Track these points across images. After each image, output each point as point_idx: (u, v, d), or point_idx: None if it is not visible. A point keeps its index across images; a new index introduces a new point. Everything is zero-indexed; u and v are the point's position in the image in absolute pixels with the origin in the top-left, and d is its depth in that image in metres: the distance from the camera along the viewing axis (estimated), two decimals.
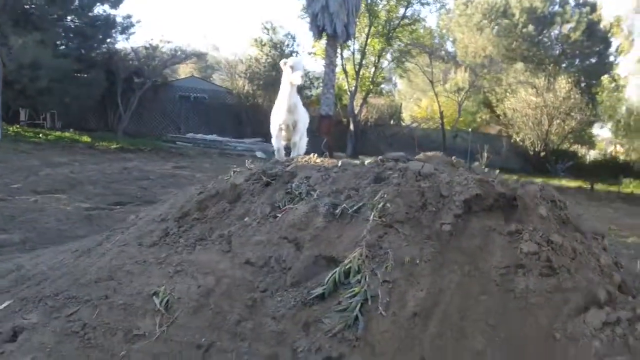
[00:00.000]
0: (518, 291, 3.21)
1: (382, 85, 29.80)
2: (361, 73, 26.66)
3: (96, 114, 25.38)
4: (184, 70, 44.99)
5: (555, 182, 22.88)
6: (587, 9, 33.75)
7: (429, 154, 4.61)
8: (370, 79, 27.36)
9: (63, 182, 12.65)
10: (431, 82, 24.56)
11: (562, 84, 26.51)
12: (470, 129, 29.07)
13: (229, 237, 4.18)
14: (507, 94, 29.27)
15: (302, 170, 4.52)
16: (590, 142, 35.75)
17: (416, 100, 34.39)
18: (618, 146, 34.28)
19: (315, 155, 4.93)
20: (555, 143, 28.14)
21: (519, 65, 31.38)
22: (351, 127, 26.54)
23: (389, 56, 27.63)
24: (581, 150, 32.73)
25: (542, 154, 26.63)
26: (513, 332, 3.08)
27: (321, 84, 25.49)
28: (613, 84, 28.44)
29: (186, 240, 4.42)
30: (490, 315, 3.14)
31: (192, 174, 17.13)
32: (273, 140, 6.33)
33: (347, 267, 3.49)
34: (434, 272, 3.36)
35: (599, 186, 22.90)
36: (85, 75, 23.18)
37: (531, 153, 27.28)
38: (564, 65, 33.81)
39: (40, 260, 5.42)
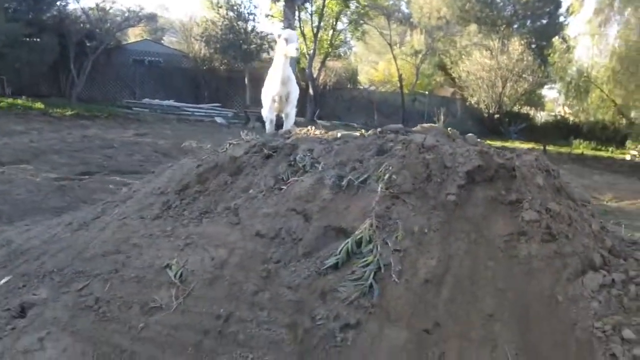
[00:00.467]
0: (522, 257, 3.43)
1: (340, 49, 29.69)
2: (319, 36, 26.53)
3: (48, 79, 24.57)
4: (134, 33, 43.74)
5: (509, 144, 23.43)
6: None
7: (426, 125, 4.77)
8: (329, 42, 27.27)
9: (25, 151, 12.41)
10: (389, 45, 24.65)
11: (515, 45, 26.98)
12: (427, 92, 29.48)
13: (236, 209, 4.28)
14: (462, 56, 29.63)
15: (303, 143, 4.63)
16: (540, 104, 36.72)
17: (373, 63, 34.49)
18: (566, 107, 35.28)
19: (313, 127, 5.04)
20: (509, 105, 28.79)
21: (473, 27, 31.70)
22: (310, 91, 26.50)
23: (346, 19, 27.45)
24: (532, 112, 33.55)
25: (497, 116, 27.23)
26: (519, 295, 3.31)
27: None
28: (564, 45, 29.15)
29: (191, 213, 4.50)
30: (497, 280, 3.36)
31: (154, 141, 16.99)
32: (264, 111, 6.38)
33: (358, 237, 3.65)
34: (443, 241, 3.56)
35: (550, 148, 23.63)
36: (37, 40, 22.37)
37: (486, 115, 27.83)
38: (515, 26, 34.31)
39: (32, 234, 5.42)
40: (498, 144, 22.61)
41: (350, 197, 4.00)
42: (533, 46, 28.26)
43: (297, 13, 24.04)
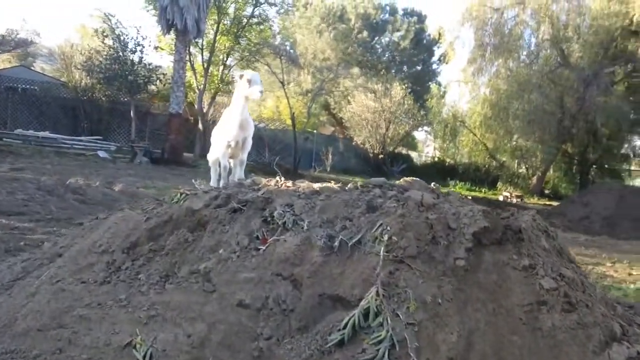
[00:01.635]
0: (545, 329, 3.13)
1: (231, 85, 29.07)
2: (210, 71, 25.81)
3: None
4: (1, 58, 40.49)
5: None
6: (415, 18, 35.90)
7: (408, 179, 4.42)
8: (219, 78, 26.60)
9: None
10: (282, 83, 24.44)
11: (397, 89, 27.84)
12: (315, 131, 29.57)
13: (207, 273, 3.67)
14: (347, 97, 30.13)
15: (279, 197, 4.10)
16: (413, 145, 38.14)
17: (266, 100, 34.22)
18: (436, 150, 36.94)
19: (282, 178, 4.52)
20: (391, 146, 29.53)
21: (355, 70, 32.45)
22: (200, 126, 25.62)
23: (238, 55, 26.96)
24: (408, 153, 34.73)
25: (381, 156, 27.78)
26: None
27: (168, 81, 24.35)
28: (440, 91, 30.59)
29: (148, 277, 3.82)
30: (525, 356, 3.03)
31: (35, 177, 15.37)
32: (219, 158, 5.73)
33: (365, 308, 3.18)
34: (460, 312, 3.18)
35: (473, 192, 24.38)
36: None
37: (371, 155, 28.33)
38: (393, 71, 35.63)
39: None
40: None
41: (344, 260, 3.53)
42: (409, 91, 29.27)
43: (188, 47, 23.20)
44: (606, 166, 28.93)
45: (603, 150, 27.72)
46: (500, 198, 23.90)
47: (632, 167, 31.05)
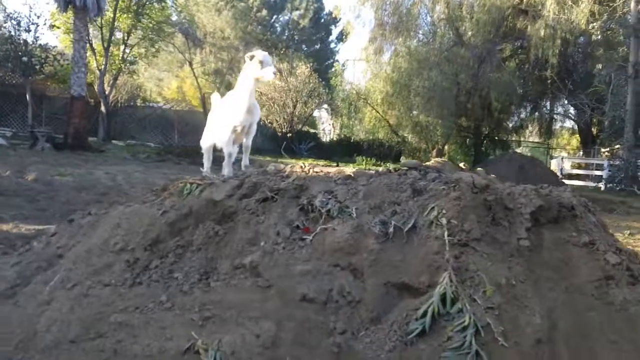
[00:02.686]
0: (617, 303, 3.13)
1: (133, 65, 27.45)
2: (110, 51, 24.25)
3: None
4: None
5: (301, 162, 23.83)
6: None
7: (439, 159, 4.28)
8: (121, 57, 25.08)
9: None
10: (190, 63, 23.49)
11: (302, 68, 27.66)
12: None
13: (254, 268, 3.36)
14: None
15: (314, 183, 3.83)
16: (312, 123, 38.18)
17: (167, 80, 32.78)
18: (334, 127, 37.33)
19: (306, 163, 4.23)
20: (298, 124, 29.38)
21: (255, 49, 31.84)
22: (102, 109, 24.11)
23: (140, 33, 25.48)
24: (316, 130, 34.74)
25: (289, 135, 27.55)
26: (634, 345, 3.00)
27: (66, 62, 22.65)
28: (342, 69, 30.89)
29: (185, 275, 3.47)
30: (606, 331, 3.02)
31: None
32: (215, 144, 5.28)
33: (442, 294, 3.04)
34: (536, 293, 3.12)
35: (341, 165, 24.50)
36: None
37: (279, 134, 28.01)
38: (291, 50, 35.35)
39: None
40: (293, 161, 22.86)
41: (402, 246, 3.36)
42: (313, 70, 29.17)
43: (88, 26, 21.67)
44: (496, 138, 30.48)
45: (495, 123, 29.15)
46: None
47: (521, 138, 32.95)
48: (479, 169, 4.10)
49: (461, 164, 4.22)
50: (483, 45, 25.27)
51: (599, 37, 24.14)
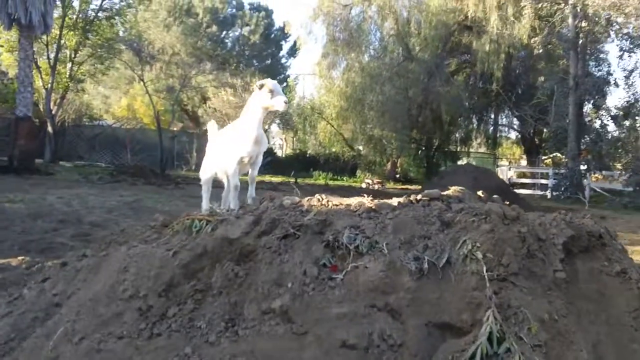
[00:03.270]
0: None
1: (81, 83, 26.41)
2: (57, 69, 23.33)
3: None
4: None
5: (260, 178, 23.40)
6: (263, 13, 35.57)
7: (457, 188, 4.15)
8: (68, 75, 24.13)
9: None
10: (142, 80, 22.85)
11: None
12: (175, 128, 28.09)
13: (285, 312, 3.15)
14: (201, 94, 29.07)
15: (337, 217, 3.64)
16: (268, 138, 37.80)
17: (115, 98, 31.79)
18: (284, 141, 37.18)
19: (322, 195, 4.03)
20: None
21: (206, 65, 31.45)
22: (49, 129, 23.15)
23: (88, 50, 24.59)
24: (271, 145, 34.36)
25: None
26: None
27: (9, 81, 21.70)
28: (295, 83, 30.76)
29: (209, 323, 3.22)
30: None
31: None
32: (230, 176, 4.98)
33: (488, 334, 2.90)
34: (578, 326, 3.02)
35: (337, 181, 24.32)
36: None
37: None
38: (242, 65, 34.99)
39: None
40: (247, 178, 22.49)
41: (438, 282, 3.21)
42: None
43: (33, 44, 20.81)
44: (446, 150, 31.01)
45: (445, 135, 29.66)
46: (363, 185, 24.54)
47: (470, 149, 33.59)
48: (494, 196, 4.00)
49: (479, 192, 4.11)
50: (432, 60, 25.74)
51: (541, 51, 24.91)
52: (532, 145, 30.87)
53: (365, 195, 4.13)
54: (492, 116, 31.58)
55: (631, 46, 22.68)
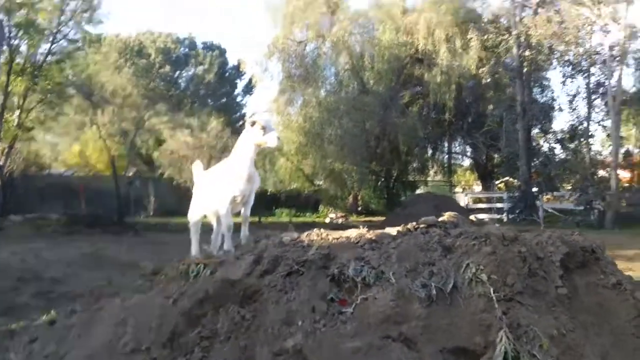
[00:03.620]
0: None
1: (30, 130, 25.50)
2: (4, 117, 22.43)
3: None
4: None
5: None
6: (217, 52, 35.64)
7: (452, 214, 4.23)
8: (16, 124, 23.25)
9: None
10: (96, 124, 22.40)
11: (214, 124, 27.28)
12: (131, 174, 27.54)
13: (299, 351, 3.13)
14: (155, 136, 28.72)
15: (341, 251, 3.65)
16: None
17: (65, 145, 30.95)
18: None
19: (321, 230, 4.03)
20: None
21: (160, 106, 31.18)
22: None
23: (37, 97, 23.74)
24: None
25: None
26: None
27: None
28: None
29: None
30: None
31: None
32: (222, 216, 4.88)
33: (504, 355, 2.96)
34: (585, 339, 3.11)
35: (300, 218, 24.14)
36: None
37: None
38: (196, 104, 34.80)
39: None
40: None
41: (447, 308, 3.26)
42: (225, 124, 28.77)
43: None
44: (405, 180, 31.41)
45: (403, 165, 30.06)
46: (327, 220, 24.57)
47: (427, 178, 34.10)
48: (497, 224, 4.08)
49: (471, 217, 4.19)
50: (386, 93, 26.21)
51: (489, 80, 25.69)
52: (486, 171, 31.57)
53: (361, 227, 4.15)
54: (446, 145, 32.22)
55: (573, 72, 23.67)
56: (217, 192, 4.87)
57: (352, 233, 3.95)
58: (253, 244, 4.17)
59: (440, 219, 4.08)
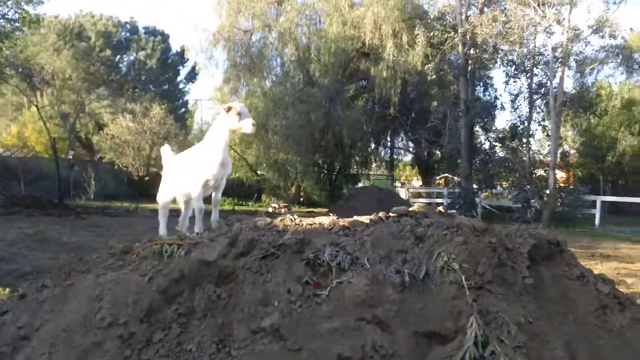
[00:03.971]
0: (616, 329, 3.39)
1: None
2: None
3: None
4: None
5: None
6: (159, 37, 34.78)
7: (421, 205, 4.33)
8: None
9: None
10: (37, 106, 21.58)
11: (157, 110, 26.76)
12: (71, 157, 26.65)
13: (276, 330, 3.18)
14: (96, 119, 28.01)
15: (316, 236, 3.71)
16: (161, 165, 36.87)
17: (2, 126, 29.73)
18: None
19: (295, 215, 4.07)
20: (155, 167, 28.20)
21: (101, 90, 30.38)
22: None
23: None
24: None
25: (146, 178, 26.27)
26: None
27: None
28: (195, 107, 30.40)
29: (199, 345, 3.20)
30: (616, 357, 3.25)
31: None
32: (194, 199, 4.82)
33: (473, 339, 3.09)
34: (550, 327, 3.28)
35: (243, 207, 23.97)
36: None
37: (136, 178, 26.58)
38: (137, 90, 34.03)
39: None
40: (153, 206, 21.78)
41: (420, 294, 3.37)
42: (168, 111, 28.29)
43: None
44: (347, 173, 31.78)
45: (346, 158, 30.37)
46: (270, 210, 24.55)
47: (369, 172, 34.59)
48: (452, 211, 4.23)
49: (439, 208, 4.33)
50: (332, 86, 26.36)
51: (434, 77, 26.20)
52: (427, 167, 32.31)
53: (331, 214, 4.21)
54: (389, 139, 32.73)
55: (516, 72, 24.43)
56: (190, 175, 4.85)
57: (325, 220, 4.01)
58: (226, 227, 4.16)
59: (411, 209, 4.19)
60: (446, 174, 29.81)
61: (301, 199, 29.97)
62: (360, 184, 32.28)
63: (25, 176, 21.22)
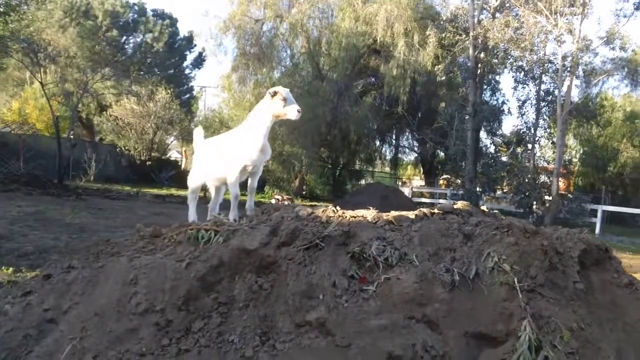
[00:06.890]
0: None
1: None
2: None
3: None
4: None
5: (164, 191, 22.45)
6: (167, 21, 34.39)
7: (465, 202, 4.21)
8: None
9: None
10: (41, 83, 21.23)
11: (163, 94, 26.52)
12: (72, 136, 26.31)
13: (322, 324, 3.06)
14: (99, 100, 27.71)
15: (361, 230, 3.58)
16: (164, 149, 36.68)
17: (2, 101, 29.36)
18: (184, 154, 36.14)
19: (337, 207, 3.93)
20: (158, 151, 28.05)
21: (106, 71, 30.05)
22: None
23: None
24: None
25: (148, 162, 26.08)
26: None
27: None
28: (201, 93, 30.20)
29: (241, 336, 3.08)
30: None
31: None
32: (231, 185, 4.68)
33: (527, 344, 2.98)
34: (602, 334, 3.17)
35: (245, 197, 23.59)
36: None
37: (138, 162, 26.38)
38: (142, 73, 33.67)
39: None
40: (154, 191, 21.65)
41: (469, 293, 3.25)
42: (175, 96, 28.07)
43: None
44: (352, 169, 31.64)
45: (352, 154, 30.22)
46: (273, 201, 24.36)
47: (374, 169, 34.43)
48: (495, 211, 4.11)
49: (483, 207, 4.21)
50: (341, 81, 26.15)
51: (443, 78, 26.03)
52: (431, 167, 32.17)
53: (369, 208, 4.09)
54: (394, 138, 32.58)
55: (525, 78, 24.29)
56: (228, 160, 4.69)
57: (368, 213, 3.88)
58: (263, 216, 4.03)
59: (455, 206, 4.07)
60: (448, 176, 29.67)
61: (304, 192, 29.77)
62: (363, 181, 32.12)
63: (24, 154, 20.94)
